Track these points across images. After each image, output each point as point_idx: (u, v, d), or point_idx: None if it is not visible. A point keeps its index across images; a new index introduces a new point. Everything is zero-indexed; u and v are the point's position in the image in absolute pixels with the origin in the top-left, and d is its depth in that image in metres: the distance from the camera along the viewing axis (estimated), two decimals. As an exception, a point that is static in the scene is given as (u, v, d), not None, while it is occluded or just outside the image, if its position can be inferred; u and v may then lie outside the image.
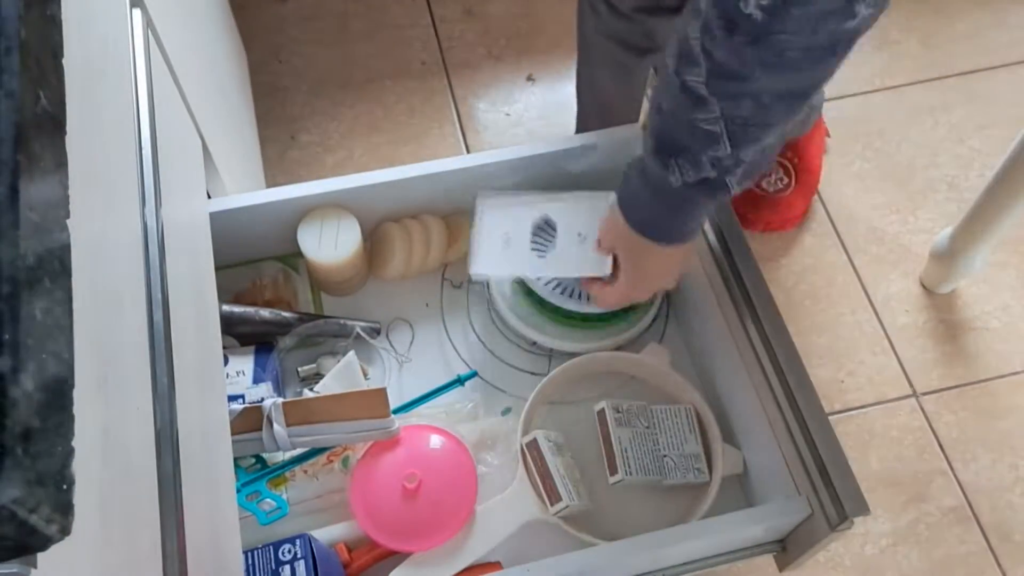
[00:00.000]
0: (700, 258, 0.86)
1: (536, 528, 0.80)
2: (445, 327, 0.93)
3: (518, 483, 0.81)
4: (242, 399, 0.84)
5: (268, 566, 0.74)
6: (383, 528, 0.78)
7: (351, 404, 0.80)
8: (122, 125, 0.58)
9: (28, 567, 0.33)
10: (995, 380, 1.25)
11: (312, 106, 1.45)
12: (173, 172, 0.67)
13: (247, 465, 0.83)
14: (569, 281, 0.90)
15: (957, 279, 1.29)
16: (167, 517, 0.51)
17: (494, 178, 0.93)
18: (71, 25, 0.45)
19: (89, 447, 0.38)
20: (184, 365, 0.58)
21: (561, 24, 1.54)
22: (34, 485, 0.30)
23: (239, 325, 0.88)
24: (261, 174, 1.31)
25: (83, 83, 0.47)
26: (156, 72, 0.68)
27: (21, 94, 0.36)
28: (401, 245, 0.92)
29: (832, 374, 1.25)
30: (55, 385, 0.34)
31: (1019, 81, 1.51)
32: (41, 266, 0.35)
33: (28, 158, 0.35)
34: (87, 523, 0.37)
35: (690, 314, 0.91)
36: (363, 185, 0.89)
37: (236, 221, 0.87)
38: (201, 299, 0.72)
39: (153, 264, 0.58)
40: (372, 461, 0.81)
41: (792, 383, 0.74)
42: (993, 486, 1.18)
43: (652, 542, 0.74)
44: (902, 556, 1.14)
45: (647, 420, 0.84)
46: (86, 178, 0.44)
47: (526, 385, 0.88)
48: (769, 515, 0.75)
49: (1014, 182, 1.11)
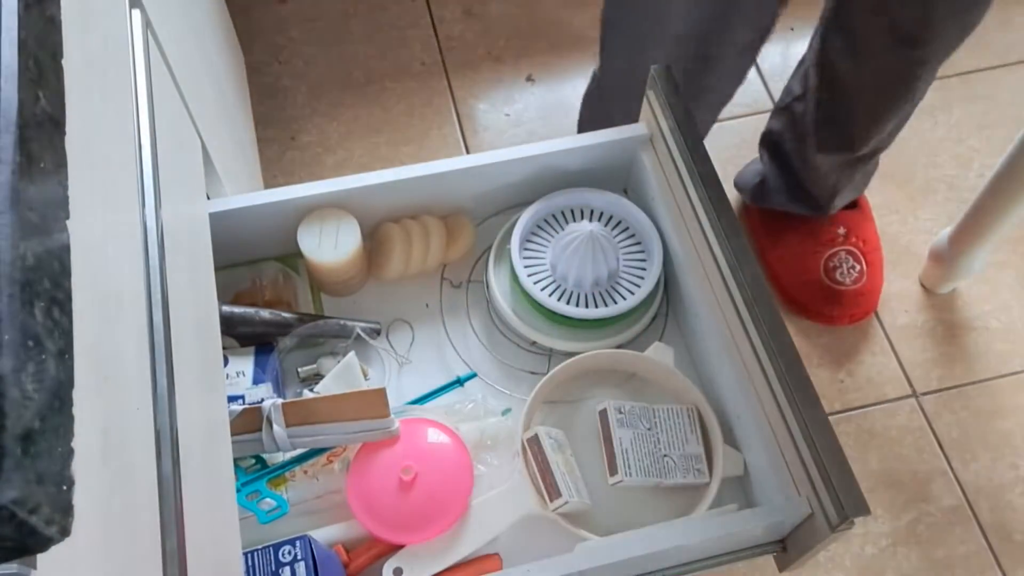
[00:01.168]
0: (700, 258, 0.86)
1: (535, 523, 0.80)
2: (445, 327, 0.93)
3: (518, 477, 0.81)
4: (242, 400, 0.84)
5: (268, 567, 0.74)
6: (380, 520, 0.79)
7: (351, 404, 0.80)
8: (122, 125, 0.58)
9: (28, 568, 0.33)
10: (995, 380, 1.26)
11: (312, 107, 1.45)
12: (173, 172, 0.67)
13: (247, 465, 0.83)
14: (568, 286, 0.90)
15: (957, 279, 1.29)
16: (167, 517, 0.51)
17: (494, 178, 0.93)
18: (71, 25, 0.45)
19: (89, 447, 0.38)
20: (184, 365, 0.58)
21: (561, 24, 1.54)
22: (34, 486, 0.30)
23: (239, 325, 0.88)
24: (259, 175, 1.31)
25: (83, 83, 0.47)
26: (155, 72, 0.68)
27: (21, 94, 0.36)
28: (401, 245, 0.92)
29: (832, 374, 1.25)
30: (55, 385, 0.34)
31: (1019, 81, 1.51)
32: (41, 266, 0.35)
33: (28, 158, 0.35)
34: (87, 523, 0.37)
35: (689, 314, 0.91)
36: (363, 186, 0.89)
37: (236, 222, 0.87)
38: (201, 299, 0.72)
39: (153, 264, 0.58)
40: (368, 454, 0.82)
41: (792, 383, 0.74)
42: (993, 486, 1.18)
43: (650, 536, 0.74)
44: (902, 556, 1.14)
45: (649, 421, 0.84)
46: (86, 178, 0.44)
47: (526, 385, 0.88)
48: (769, 515, 0.75)
49: (1014, 182, 1.11)
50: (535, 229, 0.94)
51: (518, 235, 0.91)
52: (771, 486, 0.80)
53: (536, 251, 0.92)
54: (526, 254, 0.92)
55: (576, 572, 0.73)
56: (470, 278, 0.96)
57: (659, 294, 0.92)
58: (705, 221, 0.83)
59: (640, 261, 0.92)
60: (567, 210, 0.95)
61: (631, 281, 0.91)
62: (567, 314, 0.88)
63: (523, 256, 0.91)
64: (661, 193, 0.91)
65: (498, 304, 0.92)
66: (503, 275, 0.93)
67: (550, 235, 0.93)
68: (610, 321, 0.89)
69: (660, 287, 0.92)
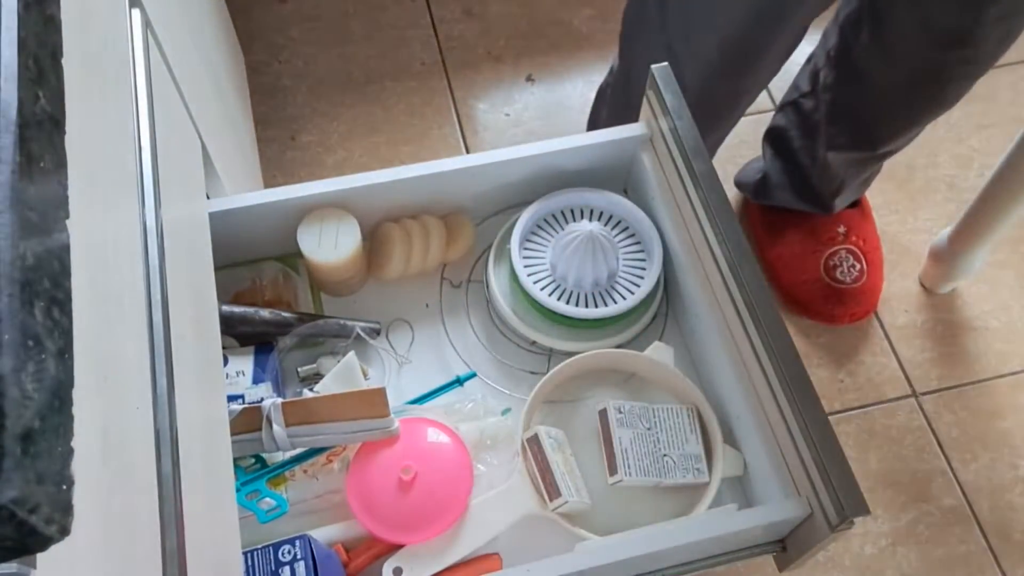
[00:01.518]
0: (700, 258, 0.86)
1: (534, 523, 0.80)
2: (445, 327, 0.93)
3: (517, 477, 0.81)
4: (242, 399, 0.84)
5: (268, 567, 0.74)
6: (379, 520, 0.79)
7: (351, 404, 0.80)
8: (122, 125, 0.58)
9: (28, 567, 0.33)
10: (995, 380, 1.26)
11: (312, 106, 1.45)
12: (173, 172, 0.67)
13: (247, 465, 0.83)
14: (568, 286, 0.90)
15: (957, 279, 1.29)
16: (167, 517, 0.51)
17: (494, 178, 0.93)
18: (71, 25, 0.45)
19: (89, 447, 0.38)
20: (184, 365, 0.58)
21: (561, 24, 1.54)
22: (34, 485, 0.30)
23: (239, 325, 0.88)
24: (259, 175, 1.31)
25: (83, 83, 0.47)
26: (155, 72, 0.68)
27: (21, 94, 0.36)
28: (401, 245, 0.92)
29: (832, 374, 1.25)
30: (55, 385, 0.34)
31: (1019, 81, 1.51)
32: (41, 266, 0.35)
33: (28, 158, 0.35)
34: (87, 523, 0.37)
35: (689, 314, 0.91)
36: (363, 185, 0.89)
37: (236, 221, 0.87)
38: (201, 299, 0.72)
39: (153, 264, 0.58)
40: (368, 454, 0.82)
41: (792, 383, 0.74)
42: (993, 486, 1.18)
43: (650, 536, 0.74)
44: (902, 556, 1.14)
45: (648, 420, 0.84)
46: (86, 178, 0.44)
47: (526, 385, 0.88)
48: (769, 515, 0.75)
49: (1013, 182, 1.11)
50: (535, 229, 0.94)
51: (518, 235, 0.91)
52: (771, 486, 0.80)
53: (536, 251, 0.92)
54: (526, 254, 0.92)
55: (576, 572, 0.73)
56: (470, 278, 0.96)
57: (659, 294, 0.92)
58: (705, 221, 0.83)
59: (640, 261, 0.93)
60: (567, 210, 0.95)
61: (631, 281, 0.91)
62: (567, 314, 0.88)
63: (523, 256, 0.91)
64: (661, 193, 0.91)
65: (498, 304, 0.92)
66: (503, 275, 0.93)
67: (550, 235, 0.93)
68: (610, 321, 0.90)
69: (660, 287, 0.92)
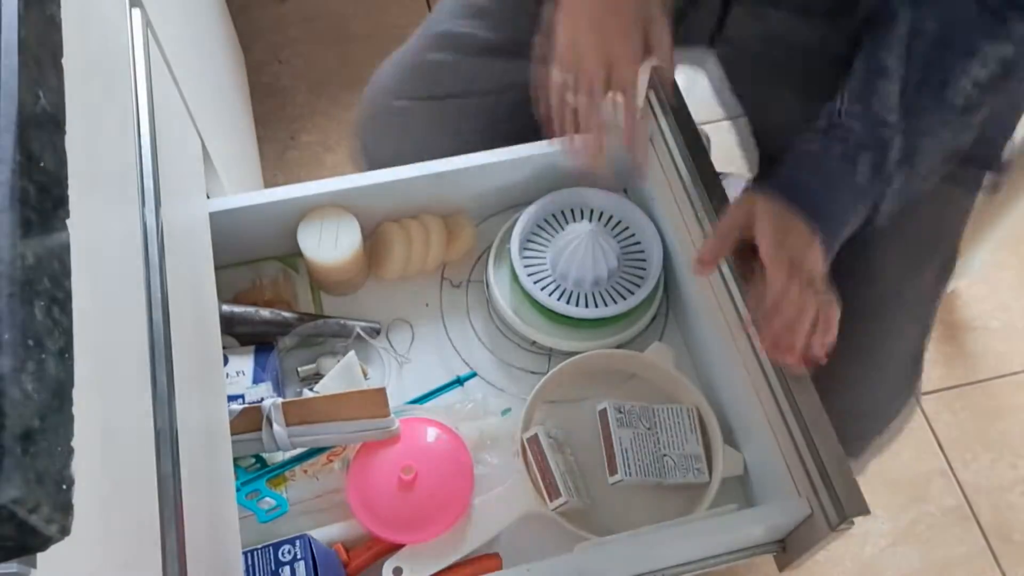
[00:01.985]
0: (700, 258, 0.86)
1: (535, 523, 0.80)
2: (445, 327, 0.93)
3: (517, 477, 0.81)
4: (242, 399, 0.84)
5: (268, 566, 0.74)
6: (380, 520, 0.79)
7: (351, 404, 0.80)
8: (122, 125, 0.58)
9: (28, 567, 0.33)
10: (995, 380, 1.26)
11: (312, 106, 1.45)
12: (173, 172, 0.67)
13: (247, 465, 0.83)
14: (568, 285, 0.90)
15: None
16: (167, 517, 0.51)
17: (494, 178, 0.93)
18: (71, 25, 0.45)
19: (89, 447, 0.38)
20: (184, 365, 0.58)
21: (561, 24, 1.54)
22: (34, 485, 0.30)
23: (239, 325, 0.88)
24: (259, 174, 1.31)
25: (83, 83, 0.47)
26: (155, 72, 0.68)
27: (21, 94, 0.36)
28: (401, 245, 0.92)
29: (832, 374, 1.25)
30: (55, 385, 0.34)
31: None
32: (41, 266, 0.35)
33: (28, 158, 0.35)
34: (87, 523, 0.37)
35: (689, 314, 0.91)
36: (363, 185, 0.89)
37: (236, 221, 0.87)
38: (201, 299, 0.72)
39: (153, 264, 0.58)
40: (369, 453, 0.82)
41: (792, 383, 0.74)
42: (993, 486, 1.19)
43: (650, 536, 0.74)
44: (902, 556, 1.14)
45: (648, 420, 0.84)
46: (86, 178, 0.44)
47: (526, 385, 0.88)
48: (769, 515, 0.75)
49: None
50: (535, 229, 0.94)
51: (518, 235, 0.91)
52: (771, 486, 0.80)
53: (536, 251, 0.92)
54: (526, 254, 0.92)
55: (576, 572, 0.73)
56: (470, 278, 0.96)
57: (659, 294, 0.92)
58: (705, 221, 0.83)
59: (640, 261, 0.93)
60: (567, 210, 0.95)
61: (631, 281, 0.91)
62: (567, 314, 0.88)
63: (523, 256, 0.91)
64: (661, 193, 0.91)
65: (498, 304, 0.92)
66: (503, 275, 0.93)
67: (550, 235, 0.93)
68: (610, 321, 0.90)
69: (660, 287, 0.92)
